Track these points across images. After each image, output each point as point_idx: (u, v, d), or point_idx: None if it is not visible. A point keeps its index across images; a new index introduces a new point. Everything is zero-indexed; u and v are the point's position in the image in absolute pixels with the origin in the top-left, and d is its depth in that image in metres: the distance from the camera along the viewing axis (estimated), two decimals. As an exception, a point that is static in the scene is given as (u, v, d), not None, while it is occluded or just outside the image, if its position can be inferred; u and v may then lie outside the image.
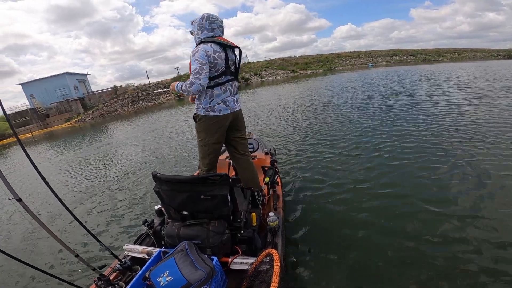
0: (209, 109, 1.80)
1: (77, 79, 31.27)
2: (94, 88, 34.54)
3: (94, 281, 1.36)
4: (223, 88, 1.82)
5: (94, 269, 1.38)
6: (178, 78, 34.27)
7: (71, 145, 10.42)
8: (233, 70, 1.87)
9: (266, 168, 2.40)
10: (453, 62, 30.75)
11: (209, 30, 1.76)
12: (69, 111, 27.12)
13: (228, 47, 1.79)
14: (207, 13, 1.79)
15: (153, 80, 38.03)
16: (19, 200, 1.06)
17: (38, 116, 25.95)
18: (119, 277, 1.50)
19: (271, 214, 1.72)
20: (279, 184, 2.43)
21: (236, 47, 1.84)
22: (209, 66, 1.68)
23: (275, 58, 42.39)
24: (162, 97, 30.19)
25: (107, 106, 28.10)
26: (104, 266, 1.51)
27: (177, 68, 47.78)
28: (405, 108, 6.40)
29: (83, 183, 4.72)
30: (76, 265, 2.20)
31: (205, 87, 1.67)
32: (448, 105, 6.22)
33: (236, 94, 1.95)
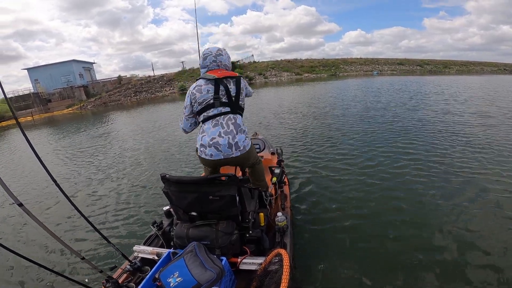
0: (201, 149, 1.72)
1: (83, 67, 31.33)
2: (98, 77, 34.64)
3: (103, 283, 1.34)
4: (214, 122, 1.67)
5: (101, 271, 1.35)
6: (183, 72, 34.36)
7: (73, 133, 10.37)
8: (226, 101, 1.67)
9: (273, 168, 2.37)
10: (459, 75, 30.42)
11: (203, 67, 1.81)
12: (71, 98, 27.12)
13: (219, 79, 1.66)
14: (204, 49, 1.81)
15: (157, 72, 38.07)
16: (20, 205, 1.01)
17: (40, 101, 25.95)
18: (129, 278, 1.49)
19: (279, 214, 1.69)
20: (287, 184, 2.40)
21: (231, 76, 1.70)
22: (191, 103, 1.72)
23: (281, 60, 42.33)
24: (165, 90, 30.17)
25: (110, 95, 28.07)
26: (115, 267, 1.50)
27: (182, 62, 47.34)
28: (416, 125, 5.93)
29: (90, 181, 4.45)
30: (86, 267, 2.13)
31: (186, 130, 1.85)
32: (459, 125, 5.70)
33: (237, 133, 1.67)
